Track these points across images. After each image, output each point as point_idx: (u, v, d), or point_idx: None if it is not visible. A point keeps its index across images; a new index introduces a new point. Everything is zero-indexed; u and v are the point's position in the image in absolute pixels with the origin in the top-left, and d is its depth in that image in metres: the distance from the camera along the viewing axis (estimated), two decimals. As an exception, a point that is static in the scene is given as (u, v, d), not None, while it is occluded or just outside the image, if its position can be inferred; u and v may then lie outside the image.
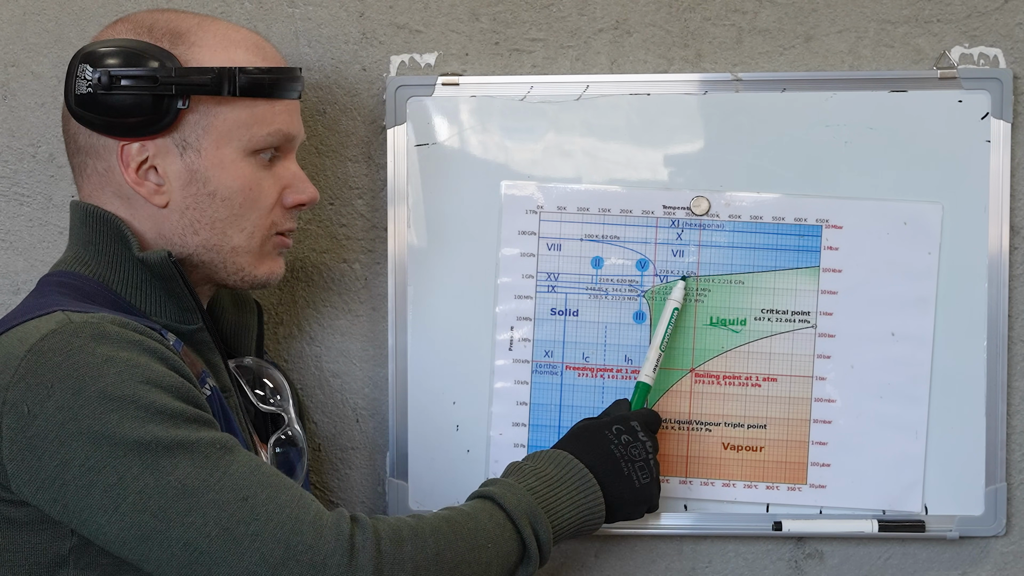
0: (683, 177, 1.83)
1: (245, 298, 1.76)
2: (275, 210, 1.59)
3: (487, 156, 1.84)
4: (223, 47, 1.55)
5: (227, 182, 1.55)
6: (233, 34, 1.57)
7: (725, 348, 1.83)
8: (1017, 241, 1.83)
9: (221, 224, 1.56)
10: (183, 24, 1.56)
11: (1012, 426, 1.85)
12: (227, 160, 1.55)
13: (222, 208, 1.55)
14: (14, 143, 1.88)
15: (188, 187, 1.55)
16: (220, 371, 1.58)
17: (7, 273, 1.88)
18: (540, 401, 1.85)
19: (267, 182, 1.58)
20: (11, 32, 1.86)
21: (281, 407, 1.69)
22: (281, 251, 1.63)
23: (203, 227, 1.55)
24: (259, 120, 1.56)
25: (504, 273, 1.84)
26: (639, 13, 1.84)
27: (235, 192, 1.55)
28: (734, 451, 1.84)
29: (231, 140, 1.54)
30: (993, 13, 1.82)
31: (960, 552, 1.87)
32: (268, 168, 1.59)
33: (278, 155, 1.60)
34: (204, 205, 1.55)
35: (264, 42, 1.61)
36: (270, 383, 1.69)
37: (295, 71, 1.61)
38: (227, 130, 1.54)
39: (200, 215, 1.55)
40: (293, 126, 1.61)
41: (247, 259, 1.58)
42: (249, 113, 1.55)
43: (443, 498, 1.86)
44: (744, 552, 1.89)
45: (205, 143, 1.54)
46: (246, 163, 1.56)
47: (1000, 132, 1.81)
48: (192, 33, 1.56)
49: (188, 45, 1.54)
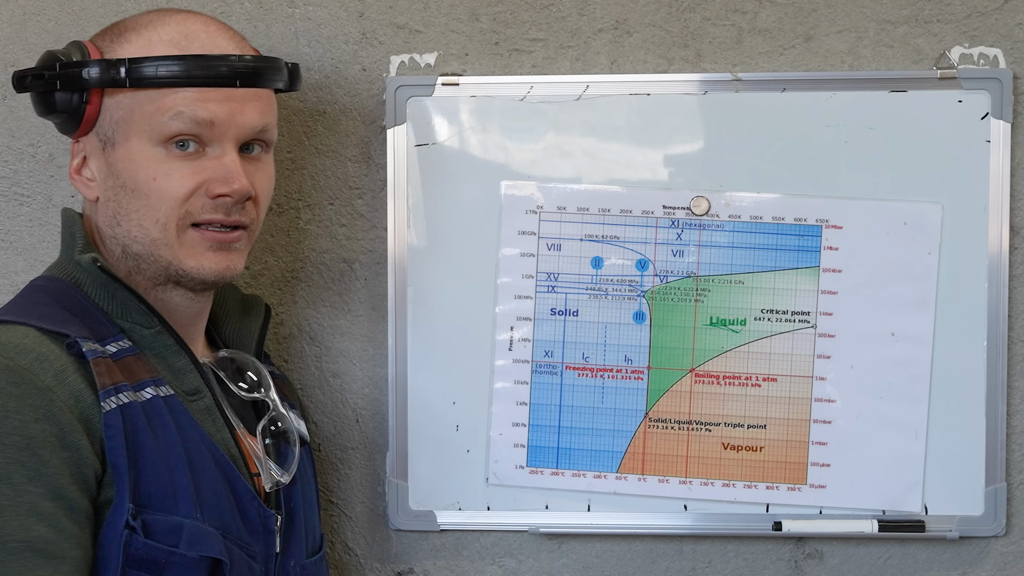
0: (683, 177, 1.83)
1: (253, 301, 1.76)
2: (192, 199, 1.54)
3: (487, 156, 1.84)
4: (145, 42, 1.55)
5: (134, 173, 1.54)
6: (168, 30, 1.56)
7: (725, 348, 1.83)
8: (1017, 241, 1.83)
9: (137, 216, 1.55)
10: (138, 23, 1.57)
11: (1012, 426, 1.85)
12: (135, 151, 1.54)
13: (133, 200, 1.55)
14: (14, 143, 1.88)
15: (107, 180, 1.56)
16: (185, 373, 1.57)
17: (7, 273, 1.88)
18: (540, 401, 1.85)
19: (179, 172, 1.54)
20: (11, 32, 1.86)
21: (265, 395, 1.67)
22: (219, 246, 1.57)
23: (123, 219, 1.56)
24: (161, 108, 1.53)
25: (504, 273, 1.84)
26: (639, 13, 1.84)
27: (141, 183, 1.54)
28: (734, 451, 1.84)
29: (139, 131, 1.54)
30: (993, 13, 1.82)
31: (960, 552, 1.87)
32: (186, 159, 1.54)
33: (205, 145, 1.55)
34: (120, 198, 1.56)
35: (203, 33, 1.56)
36: (252, 374, 1.68)
37: (222, 58, 1.54)
38: (133, 122, 1.54)
39: (118, 208, 1.56)
40: (212, 112, 1.53)
41: (169, 252, 1.55)
42: (151, 103, 1.53)
43: (443, 498, 1.87)
44: (744, 552, 1.89)
45: (118, 137, 1.55)
46: (154, 153, 1.54)
47: (1000, 132, 1.81)
48: (131, 31, 1.57)
49: (120, 43, 1.56)
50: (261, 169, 1.60)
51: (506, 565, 1.90)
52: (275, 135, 1.62)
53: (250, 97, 1.57)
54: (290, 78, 1.65)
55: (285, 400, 1.74)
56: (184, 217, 1.55)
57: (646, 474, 1.85)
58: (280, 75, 1.61)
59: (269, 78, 1.58)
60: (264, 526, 1.58)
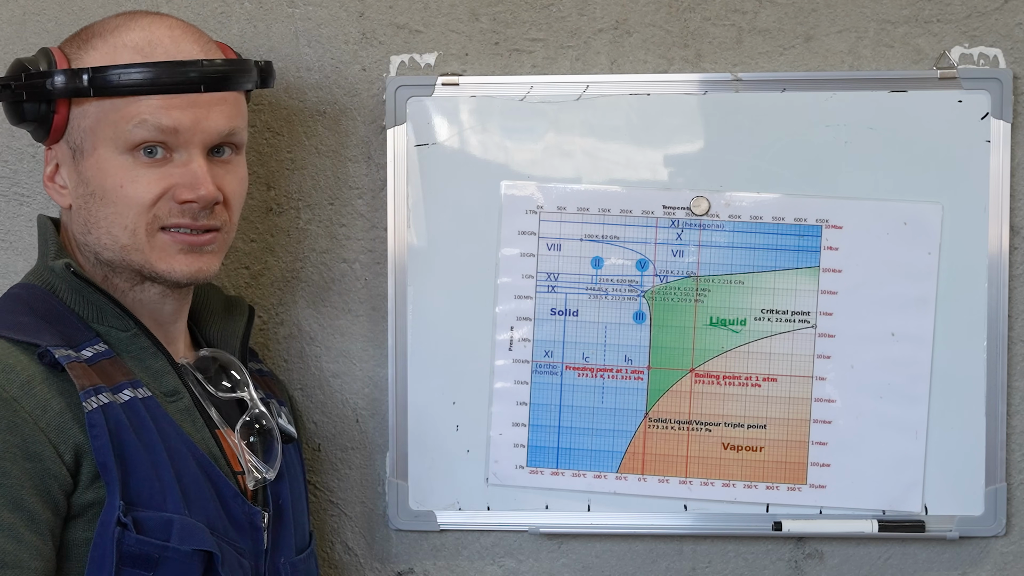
0: (683, 177, 1.83)
1: (236, 301, 1.76)
2: (160, 204, 1.54)
3: (487, 156, 1.84)
4: (110, 49, 1.55)
5: (101, 181, 1.54)
6: (132, 35, 1.55)
7: (725, 348, 1.83)
8: (1017, 241, 1.83)
9: (106, 223, 1.55)
10: (104, 28, 1.57)
11: (1012, 426, 1.85)
12: (102, 159, 1.54)
13: (102, 208, 1.55)
14: (14, 143, 1.88)
15: (78, 188, 1.57)
16: (163, 375, 1.57)
17: (7, 273, 1.88)
18: (540, 401, 1.85)
19: (145, 179, 1.53)
20: (11, 32, 1.86)
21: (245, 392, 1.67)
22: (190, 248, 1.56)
23: (93, 227, 1.56)
24: (126, 117, 1.53)
25: (504, 273, 1.84)
26: (639, 13, 1.84)
27: (108, 191, 1.54)
28: (734, 451, 1.84)
29: (105, 140, 1.54)
30: (993, 13, 1.82)
31: (960, 552, 1.87)
32: (154, 166, 1.54)
33: (172, 151, 1.54)
34: (89, 205, 1.56)
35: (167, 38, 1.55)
36: (236, 373, 1.68)
37: (185, 64, 1.53)
38: (100, 130, 1.54)
39: (88, 215, 1.56)
40: (176, 119, 1.52)
41: (140, 256, 1.55)
42: (116, 111, 1.53)
43: (443, 498, 1.87)
44: (744, 552, 1.89)
45: (87, 145, 1.55)
46: (121, 161, 1.53)
47: (1000, 132, 1.81)
48: (97, 37, 1.56)
49: (87, 50, 1.56)
50: (232, 171, 1.59)
51: (506, 565, 1.90)
52: (245, 137, 1.61)
53: (216, 101, 1.56)
54: (261, 77, 1.64)
55: (274, 397, 1.74)
56: (152, 222, 1.54)
57: (646, 474, 1.85)
58: (248, 76, 1.60)
59: (235, 80, 1.57)
60: (251, 523, 1.58)
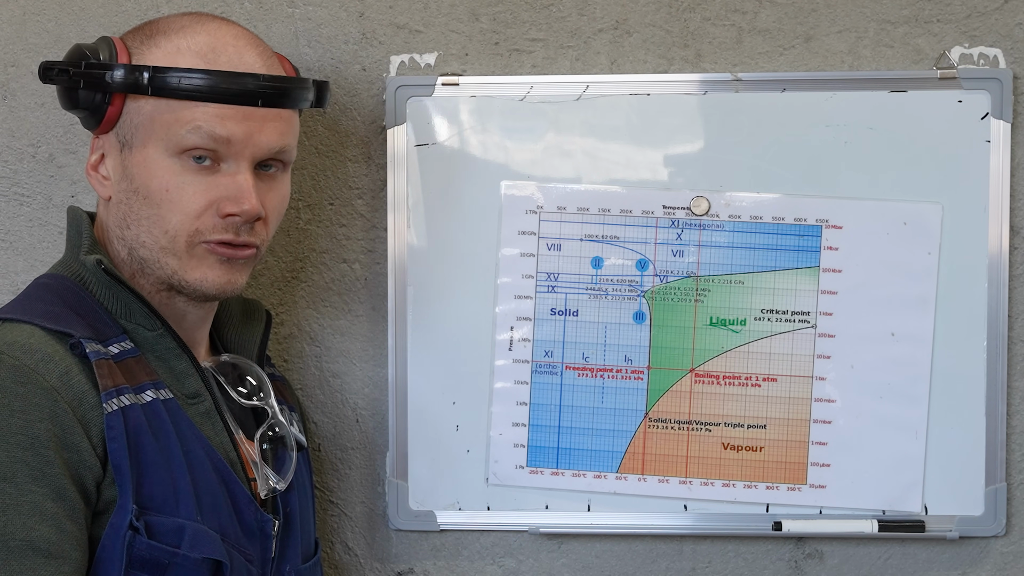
0: (683, 177, 1.83)
1: (255, 307, 1.75)
2: (204, 217, 1.53)
3: (487, 156, 1.84)
4: (173, 49, 1.54)
5: (147, 180, 1.54)
6: (198, 39, 1.55)
7: (725, 348, 1.83)
8: (1017, 241, 1.83)
9: (147, 223, 1.54)
10: (170, 27, 1.56)
11: (1012, 426, 1.85)
12: (151, 159, 1.53)
13: (144, 206, 1.54)
14: (14, 143, 1.88)
15: (121, 183, 1.56)
16: (186, 377, 1.57)
17: (7, 273, 1.88)
18: (540, 401, 1.85)
19: (193, 187, 1.53)
20: (11, 32, 1.86)
21: (264, 402, 1.67)
22: (227, 260, 1.56)
23: (132, 223, 1.56)
24: (180, 120, 1.52)
25: (504, 273, 1.84)
26: (639, 13, 1.84)
27: (153, 192, 1.53)
28: (734, 451, 1.84)
29: (156, 139, 1.53)
30: (993, 13, 1.82)
31: (960, 552, 1.87)
32: (201, 173, 1.53)
33: (220, 161, 1.54)
34: (131, 201, 1.55)
35: (231, 47, 1.55)
36: (252, 379, 1.68)
37: (246, 76, 1.53)
38: (152, 129, 1.53)
39: (128, 211, 1.56)
40: (229, 130, 1.52)
41: (174, 262, 1.55)
42: (171, 113, 1.53)
43: (443, 498, 1.87)
44: (744, 552, 1.89)
45: (136, 141, 1.54)
46: (170, 164, 1.53)
47: (1000, 132, 1.81)
48: (162, 35, 1.56)
49: (149, 46, 1.55)
50: (275, 188, 1.59)
51: (506, 565, 1.90)
52: (294, 155, 1.60)
53: (271, 117, 1.55)
54: (317, 96, 1.64)
55: (284, 403, 1.74)
56: (194, 235, 1.54)
57: (646, 474, 1.85)
58: (305, 95, 1.60)
59: (293, 98, 1.57)
60: (261, 530, 1.58)
